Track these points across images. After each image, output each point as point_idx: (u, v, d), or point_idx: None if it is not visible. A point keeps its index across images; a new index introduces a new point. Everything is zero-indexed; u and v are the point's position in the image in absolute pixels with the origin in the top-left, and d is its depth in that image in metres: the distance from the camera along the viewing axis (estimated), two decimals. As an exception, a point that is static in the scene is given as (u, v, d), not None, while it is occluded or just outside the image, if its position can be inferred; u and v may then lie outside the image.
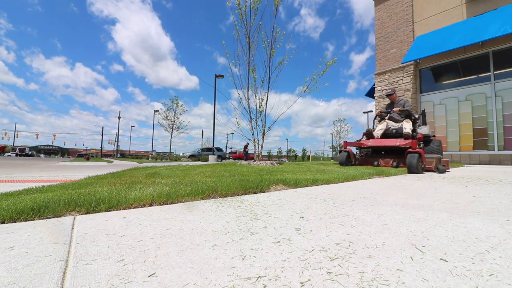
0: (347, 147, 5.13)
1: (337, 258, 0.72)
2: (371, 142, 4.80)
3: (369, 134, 5.00)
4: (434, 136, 5.30)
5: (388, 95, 5.42)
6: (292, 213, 1.26)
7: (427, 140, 4.86)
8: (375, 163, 4.74)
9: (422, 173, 3.72)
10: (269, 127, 6.17)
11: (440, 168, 3.75)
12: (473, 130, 7.31)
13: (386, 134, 5.02)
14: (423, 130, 4.91)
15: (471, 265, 0.67)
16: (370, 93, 10.84)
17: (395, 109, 5.05)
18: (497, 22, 6.44)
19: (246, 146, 21.08)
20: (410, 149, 3.88)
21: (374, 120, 5.73)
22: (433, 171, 4.00)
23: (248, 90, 6.13)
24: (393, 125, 5.02)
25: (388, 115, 5.21)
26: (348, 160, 4.99)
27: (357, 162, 5.17)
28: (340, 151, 5.16)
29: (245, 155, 20.12)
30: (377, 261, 0.70)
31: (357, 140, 5.19)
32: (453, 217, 1.19)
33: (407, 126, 4.66)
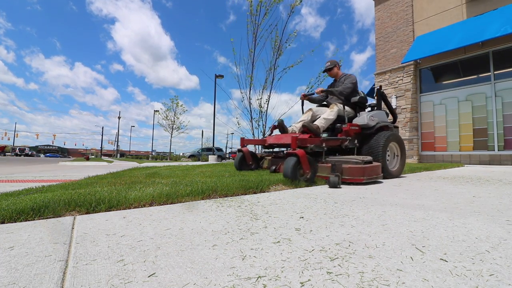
0: (244, 145, 3.58)
1: (337, 258, 0.72)
2: (272, 139, 3.35)
3: (280, 127, 3.40)
4: (395, 126, 3.67)
5: (326, 71, 3.80)
6: (292, 213, 1.26)
7: (371, 133, 3.25)
8: (273, 167, 3.15)
9: (308, 185, 2.36)
10: (269, 127, 6.17)
11: (331, 180, 2.21)
12: (473, 130, 7.30)
13: None
14: (359, 118, 3.31)
15: (471, 265, 0.67)
16: (370, 93, 10.84)
17: (317, 90, 3.55)
18: (497, 22, 6.43)
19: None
20: (290, 150, 2.55)
21: (302, 107, 4.03)
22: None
23: (250, 89, 6.13)
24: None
25: (326, 99, 3.72)
26: (243, 163, 3.49)
27: (263, 165, 3.68)
28: (238, 151, 3.70)
29: None
30: (377, 261, 0.70)
31: (263, 137, 3.75)
32: (453, 217, 1.19)
33: (326, 114, 3.21)
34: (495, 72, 7.01)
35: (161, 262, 0.70)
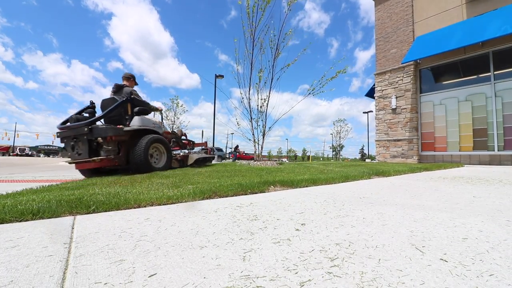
0: None
1: (337, 258, 0.72)
2: None
3: None
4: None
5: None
6: (292, 213, 1.26)
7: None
8: None
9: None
10: (269, 127, 6.16)
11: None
12: (473, 130, 7.30)
13: None
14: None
15: (471, 265, 0.67)
16: (370, 93, 10.83)
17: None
18: (497, 22, 6.44)
19: (236, 147, 21.61)
20: None
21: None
22: None
23: (249, 89, 6.11)
24: None
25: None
26: None
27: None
28: None
29: (234, 156, 20.47)
30: (377, 261, 0.70)
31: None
32: (453, 217, 1.19)
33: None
34: (495, 72, 7.01)
35: (161, 262, 0.70)
